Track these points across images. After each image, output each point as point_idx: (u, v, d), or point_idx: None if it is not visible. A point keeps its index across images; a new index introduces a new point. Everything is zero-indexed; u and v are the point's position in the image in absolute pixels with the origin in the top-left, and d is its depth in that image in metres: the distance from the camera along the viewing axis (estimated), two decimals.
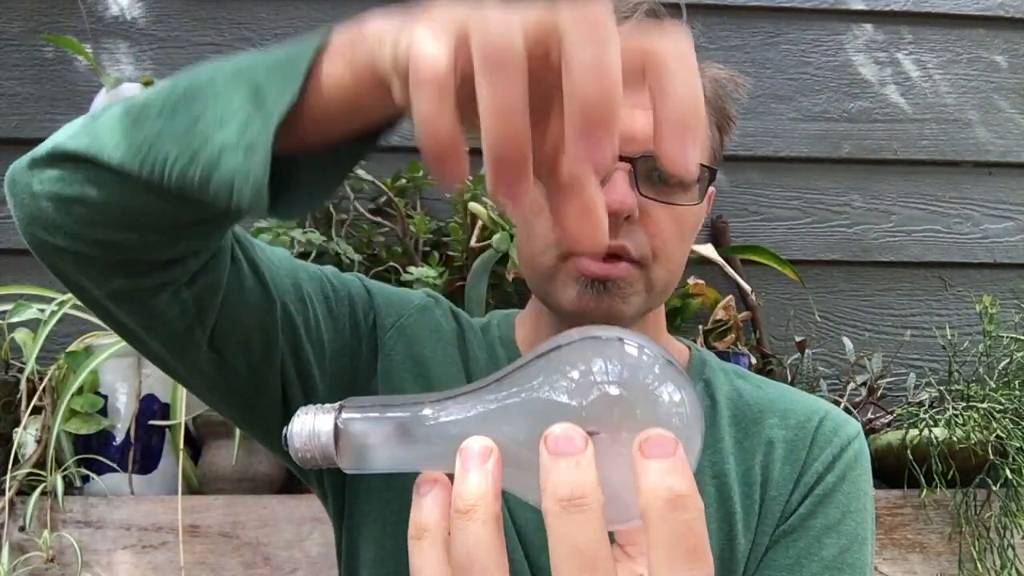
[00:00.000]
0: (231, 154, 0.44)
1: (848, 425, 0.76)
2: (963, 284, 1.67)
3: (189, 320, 0.61)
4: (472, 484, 0.32)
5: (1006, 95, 1.74)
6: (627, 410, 0.33)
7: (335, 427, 0.36)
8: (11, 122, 1.55)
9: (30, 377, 1.24)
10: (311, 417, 0.36)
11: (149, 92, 0.51)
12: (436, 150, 0.34)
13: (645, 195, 0.68)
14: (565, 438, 0.31)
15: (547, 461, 0.31)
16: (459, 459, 0.32)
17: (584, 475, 0.30)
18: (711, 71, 0.75)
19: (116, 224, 0.53)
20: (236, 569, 1.17)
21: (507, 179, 0.33)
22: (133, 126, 0.49)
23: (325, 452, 0.36)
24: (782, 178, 1.67)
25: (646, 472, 0.30)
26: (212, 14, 1.62)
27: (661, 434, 0.31)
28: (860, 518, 0.72)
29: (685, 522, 0.30)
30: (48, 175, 0.53)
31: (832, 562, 0.70)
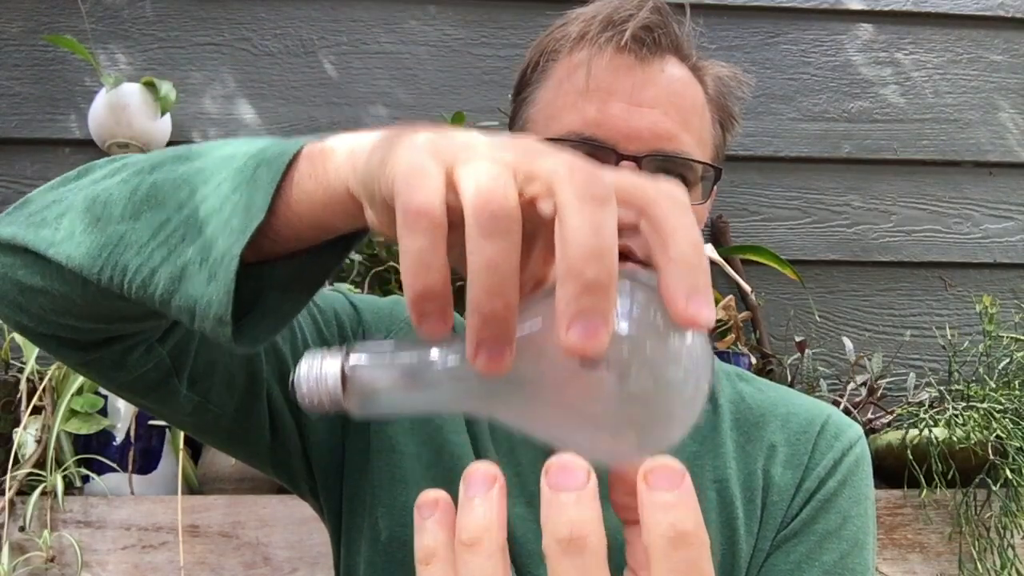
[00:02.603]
0: (191, 279, 0.42)
1: (850, 430, 0.76)
2: (963, 284, 1.67)
3: (164, 371, 0.59)
4: (477, 515, 0.31)
5: (1006, 95, 1.74)
6: (636, 347, 0.32)
7: (342, 371, 0.35)
8: (11, 122, 1.55)
9: (30, 377, 1.24)
10: (318, 361, 0.36)
11: (112, 184, 0.48)
12: (424, 292, 0.32)
13: None
14: (566, 471, 0.30)
15: (547, 495, 0.30)
16: (462, 486, 0.31)
17: (585, 513, 0.29)
18: (714, 69, 0.75)
19: (81, 315, 0.52)
20: (236, 569, 1.17)
21: (490, 339, 0.31)
22: (93, 226, 0.47)
23: (332, 396, 0.35)
24: (782, 178, 1.67)
25: (650, 506, 0.29)
26: (212, 14, 1.62)
27: (667, 464, 0.30)
28: (861, 523, 0.72)
29: (688, 560, 0.29)
30: (9, 260, 0.51)
31: (833, 567, 0.70)
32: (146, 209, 0.45)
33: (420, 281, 0.32)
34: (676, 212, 0.32)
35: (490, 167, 0.32)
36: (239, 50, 1.61)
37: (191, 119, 1.58)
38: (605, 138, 0.68)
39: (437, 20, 1.65)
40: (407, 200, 0.32)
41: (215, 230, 0.42)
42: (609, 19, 0.70)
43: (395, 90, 1.62)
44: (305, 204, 0.42)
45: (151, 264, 0.44)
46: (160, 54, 1.60)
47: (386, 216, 0.36)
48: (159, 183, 0.46)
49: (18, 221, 0.52)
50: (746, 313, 1.53)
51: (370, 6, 1.64)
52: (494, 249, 0.30)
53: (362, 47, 1.63)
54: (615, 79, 0.69)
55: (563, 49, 0.73)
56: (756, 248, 1.54)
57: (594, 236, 0.30)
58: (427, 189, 0.32)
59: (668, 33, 0.71)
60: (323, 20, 1.63)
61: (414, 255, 0.32)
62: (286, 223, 0.42)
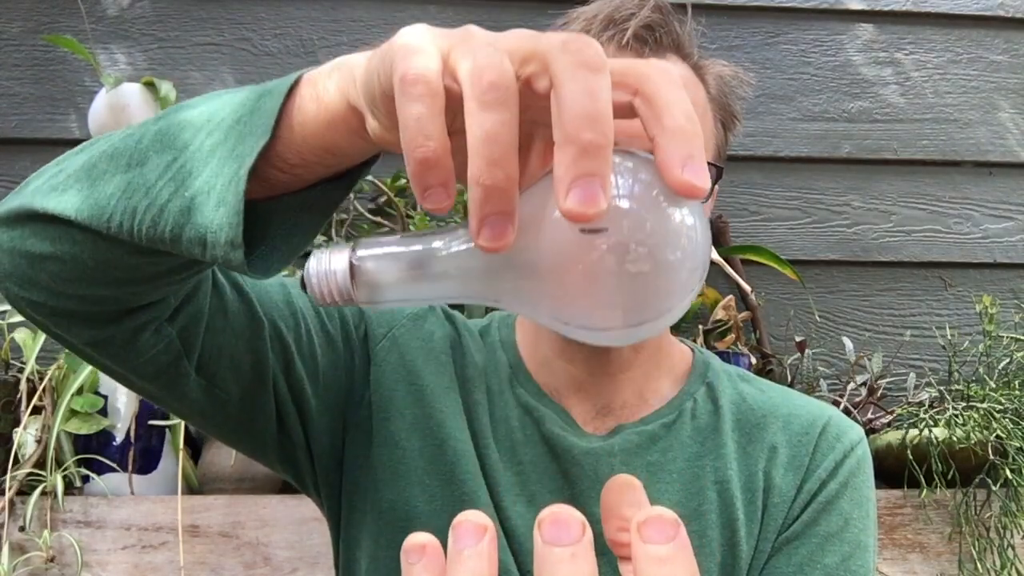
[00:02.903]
0: (201, 208, 0.43)
1: (852, 431, 0.76)
2: (963, 284, 1.67)
3: (175, 353, 0.60)
4: (468, 568, 0.30)
5: (1006, 95, 1.74)
6: (636, 221, 0.32)
7: (350, 263, 0.36)
8: (11, 122, 1.55)
9: (30, 377, 1.24)
10: (327, 255, 0.37)
11: (117, 138, 0.49)
12: (424, 161, 0.32)
13: None
14: (560, 525, 0.29)
15: (541, 550, 0.29)
16: (451, 537, 0.31)
17: (582, 568, 0.29)
18: (716, 68, 0.75)
19: (92, 279, 0.52)
20: (236, 569, 1.17)
21: (493, 213, 0.31)
22: (100, 179, 0.47)
23: (342, 287, 0.36)
24: (782, 178, 1.67)
25: (644, 559, 0.29)
26: (212, 14, 1.62)
27: (662, 516, 0.30)
28: (863, 525, 0.72)
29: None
30: (17, 233, 0.52)
31: (835, 569, 0.70)
32: (152, 154, 0.46)
33: (420, 150, 0.32)
34: (669, 86, 0.32)
35: (486, 47, 0.32)
36: (239, 50, 1.61)
37: None
38: None
39: (437, 20, 1.65)
40: (404, 69, 0.32)
41: (221, 159, 0.43)
42: (610, 18, 0.70)
43: None
44: (309, 126, 0.42)
45: (159, 202, 0.44)
46: (160, 54, 1.60)
47: (386, 116, 0.36)
48: (163, 129, 0.47)
49: (23, 194, 0.52)
50: (746, 313, 1.53)
51: (370, 6, 1.64)
52: (493, 120, 0.30)
53: (362, 47, 1.63)
54: None
55: None
56: (756, 248, 1.54)
57: (589, 100, 0.30)
58: (424, 58, 0.33)
59: (669, 32, 0.71)
60: (323, 20, 1.63)
61: (413, 123, 0.32)
62: (290, 146, 0.43)
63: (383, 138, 0.38)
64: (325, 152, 0.43)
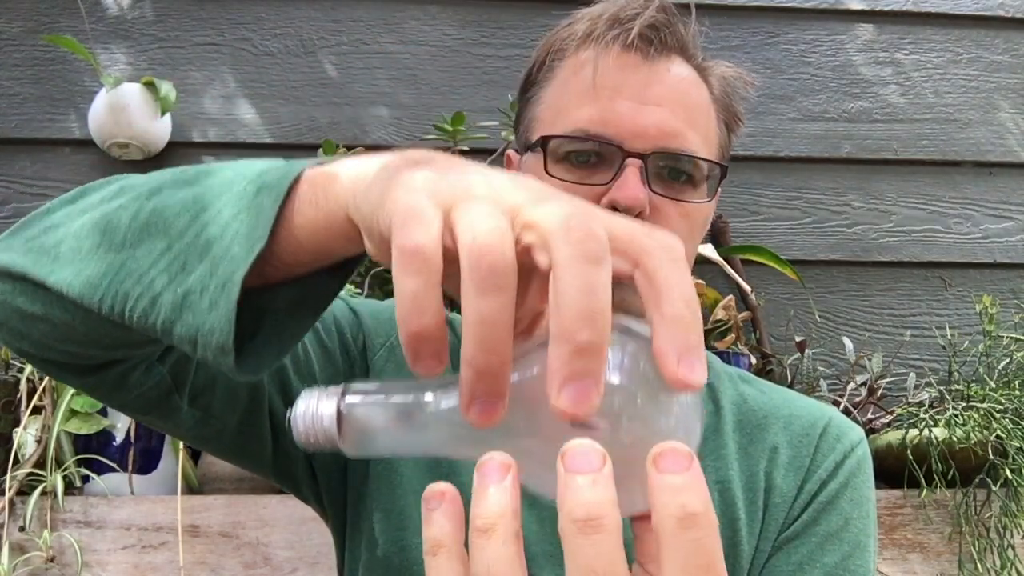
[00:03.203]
0: (192, 307, 0.42)
1: (852, 432, 0.76)
2: (963, 284, 1.67)
3: (166, 389, 0.59)
4: (491, 502, 0.31)
5: (1006, 95, 1.74)
6: (627, 399, 0.32)
7: (338, 411, 0.36)
8: (11, 122, 1.55)
9: (30, 377, 1.24)
10: (315, 401, 0.36)
11: (110, 210, 0.48)
12: (418, 334, 0.32)
13: (656, 192, 0.67)
14: (582, 455, 0.30)
15: (563, 478, 0.30)
16: (477, 474, 0.31)
17: (601, 494, 0.30)
18: (719, 69, 0.75)
19: (83, 342, 0.51)
20: (236, 569, 1.17)
21: (484, 394, 0.31)
22: (92, 253, 0.47)
23: (328, 436, 0.36)
24: (782, 178, 1.67)
25: (659, 488, 0.30)
26: (212, 14, 1.62)
27: (675, 448, 0.30)
28: (862, 525, 0.72)
29: (697, 540, 0.29)
30: (8, 287, 0.51)
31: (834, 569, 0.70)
32: (146, 236, 0.45)
33: (414, 323, 0.32)
34: (671, 266, 0.32)
35: (488, 214, 0.32)
36: (239, 50, 1.61)
37: (191, 119, 1.58)
38: (611, 136, 0.68)
39: (437, 20, 1.65)
40: (402, 241, 0.32)
41: (216, 257, 0.42)
42: (615, 17, 0.70)
43: (395, 90, 1.62)
44: (306, 229, 0.42)
45: (152, 292, 0.44)
46: (160, 54, 1.60)
47: (383, 250, 0.36)
48: (159, 209, 0.46)
49: (15, 247, 0.51)
50: (746, 313, 1.53)
51: (370, 6, 1.64)
52: (489, 305, 0.30)
53: (362, 47, 1.63)
54: (622, 77, 0.69)
55: (569, 48, 0.73)
56: (756, 248, 1.54)
57: (588, 297, 0.30)
58: (423, 231, 0.32)
59: (674, 32, 0.71)
60: (323, 20, 1.63)
61: (408, 297, 0.32)
62: (287, 248, 0.42)
63: (381, 260, 0.38)
64: (320, 254, 0.43)
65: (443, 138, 1.49)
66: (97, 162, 1.54)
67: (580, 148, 0.69)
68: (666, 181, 0.68)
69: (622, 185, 0.66)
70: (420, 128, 1.59)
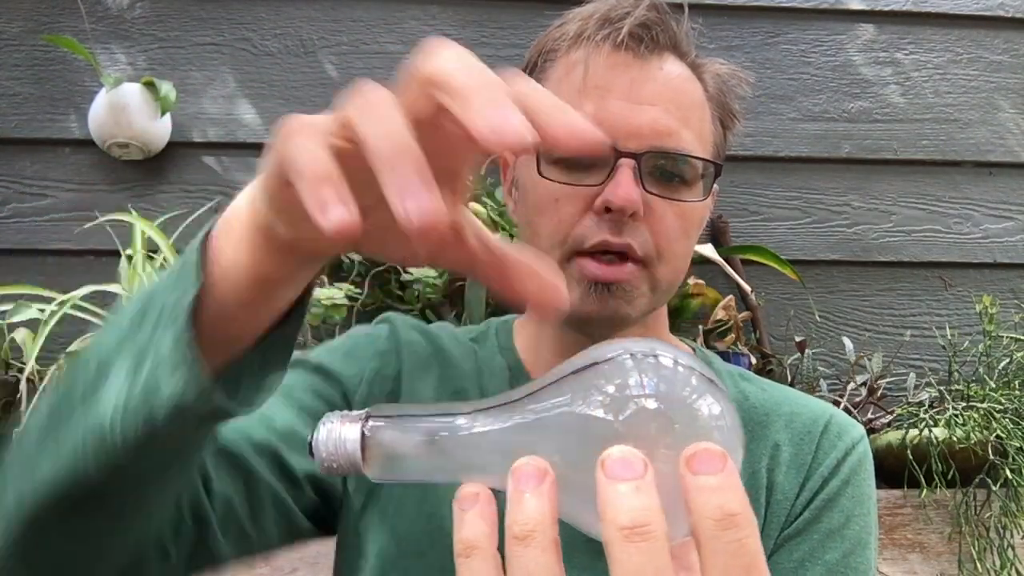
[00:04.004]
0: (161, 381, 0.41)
1: (853, 429, 0.76)
2: (963, 284, 1.67)
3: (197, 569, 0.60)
4: (529, 508, 0.30)
5: (1006, 95, 1.74)
6: (665, 424, 0.32)
7: (362, 436, 0.35)
8: (11, 122, 1.55)
9: (30, 377, 1.24)
10: (337, 425, 0.35)
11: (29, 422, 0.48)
12: (313, 180, 0.32)
13: (650, 191, 0.67)
14: (624, 462, 0.30)
15: (605, 487, 0.30)
16: (512, 480, 0.31)
17: (646, 501, 0.29)
18: (713, 67, 0.75)
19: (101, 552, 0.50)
20: (236, 569, 1.17)
21: (409, 187, 0.30)
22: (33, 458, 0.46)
23: (352, 461, 0.35)
24: (782, 178, 1.67)
25: (695, 490, 0.29)
26: (212, 14, 1.62)
27: (709, 448, 0.30)
28: (864, 522, 0.72)
29: (738, 540, 0.29)
30: None
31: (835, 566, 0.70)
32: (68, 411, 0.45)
33: (308, 169, 0.32)
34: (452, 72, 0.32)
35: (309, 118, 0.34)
36: (239, 50, 1.61)
37: (191, 119, 1.58)
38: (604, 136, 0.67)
39: (437, 20, 1.65)
40: (285, 131, 0.34)
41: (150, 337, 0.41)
42: (606, 17, 0.70)
43: None
44: (229, 258, 0.42)
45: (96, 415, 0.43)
46: (160, 54, 1.60)
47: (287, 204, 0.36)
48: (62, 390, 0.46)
49: None
50: (746, 313, 1.53)
51: (370, 6, 1.64)
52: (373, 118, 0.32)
53: (362, 47, 1.63)
54: (613, 76, 0.68)
55: (560, 48, 0.72)
56: (756, 248, 1.54)
57: (386, 141, 0.31)
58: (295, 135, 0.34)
59: (666, 30, 0.70)
60: (323, 20, 1.63)
61: (292, 153, 0.33)
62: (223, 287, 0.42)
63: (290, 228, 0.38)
64: (258, 283, 0.42)
65: None
66: (97, 162, 1.55)
67: None
68: (660, 180, 0.68)
69: (615, 186, 0.65)
70: None
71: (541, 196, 0.69)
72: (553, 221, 0.68)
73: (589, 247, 0.67)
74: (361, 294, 1.41)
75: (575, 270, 0.68)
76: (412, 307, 1.47)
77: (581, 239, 0.67)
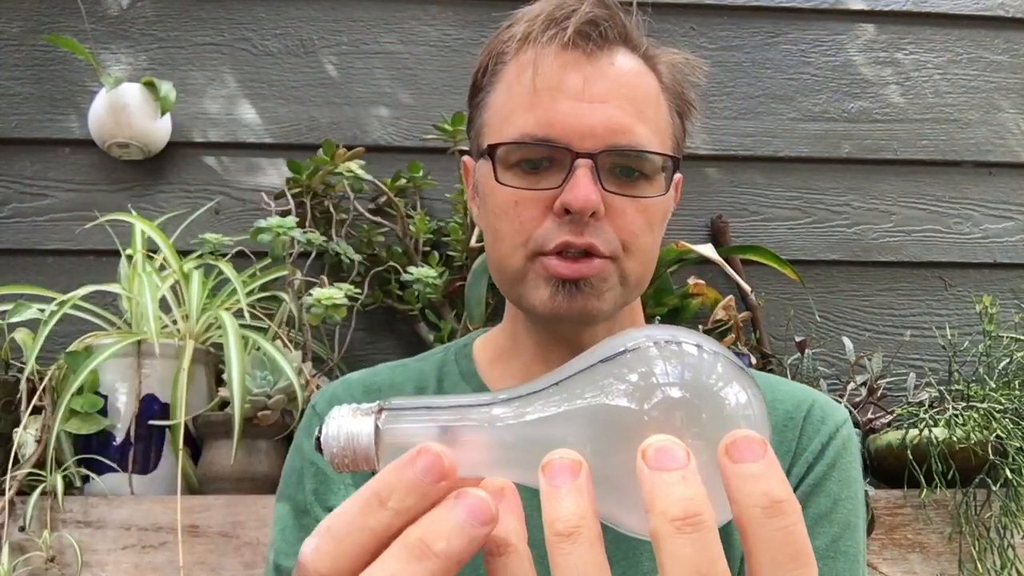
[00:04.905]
0: None
1: (837, 412, 0.76)
2: (963, 284, 1.67)
3: None
4: (569, 503, 0.29)
5: (1006, 95, 1.74)
6: (692, 414, 0.31)
7: (375, 428, 0.34)
8: (11, 122, 1.55)
9: (30, 377, 1.24)
10: (347, 419, 0.34)
11: None
12: None
13: (609, 190, 0.66)
14: (666, 451, 0.29)
15: (650, 477, 0.29)
16: (544, 475, 0.30)
17: (694, 490, 0.28)
18: (667, 56, 0.73)
19: None
20: (236, 569, 1.17)
21: None
22: None
23: (366, 455, 0.34)
24: (782, 178, 1.67)
25: (739, 478, 0.29)
26: (212, 14, 1.62)
27: (749, 435, 0.29)
28: (851, 505, 0.72)
29: (786, 528, 0.28)
30: None
31: (825, 551, 0.70)
32: None
33: None
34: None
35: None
36: (239, 50, 1.61)
37: (191, 119, 1.58)
38: (559, 138, 0.66)
39: (437, 20, 1.65)
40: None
41: None
42: (551, 17, 0.69)
43: (395, 90, 1.62)
44: None
45: None
46: (160, 54, 1.60)
47: None
48: None
49: None
50: (746, 313, 1.53)
51: (370, 6, 1.64)
52: None
53: (362, 47, 1.63)
54: (563, 77, 0.67)
55: (510, 51, 0.71)
56: (756, 248, 1.54)
57: None
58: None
59: (614, 24, 0.69)
60: (323, 20, 1.63)
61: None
62: None
63: None
64: None
65: (443, 138, 1.49)
66: (97, 162, 1.55)
67: (529, 154, 0.68)
68: (619, 178, 0.67)
69: (573, 187, 0.65)
70: (420, 128, 1.59)
71: (500, 201, 0.69)
72: (514, 225, 0.68)
73: (551, 249, 0.66)
74: (361, 294, 1.41)
75: (540, 269, 0.67)
76: (412, 307, 1.47)
77: (543, 241, 0.67)
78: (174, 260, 1.32)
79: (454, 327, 1.44)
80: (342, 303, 1.29)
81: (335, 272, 1.47)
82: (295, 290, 1.37)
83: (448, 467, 0.31)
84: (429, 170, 1.53)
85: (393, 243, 1.51)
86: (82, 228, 1.48)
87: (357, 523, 0.30)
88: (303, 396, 1.22)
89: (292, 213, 1.41)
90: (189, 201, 1.55)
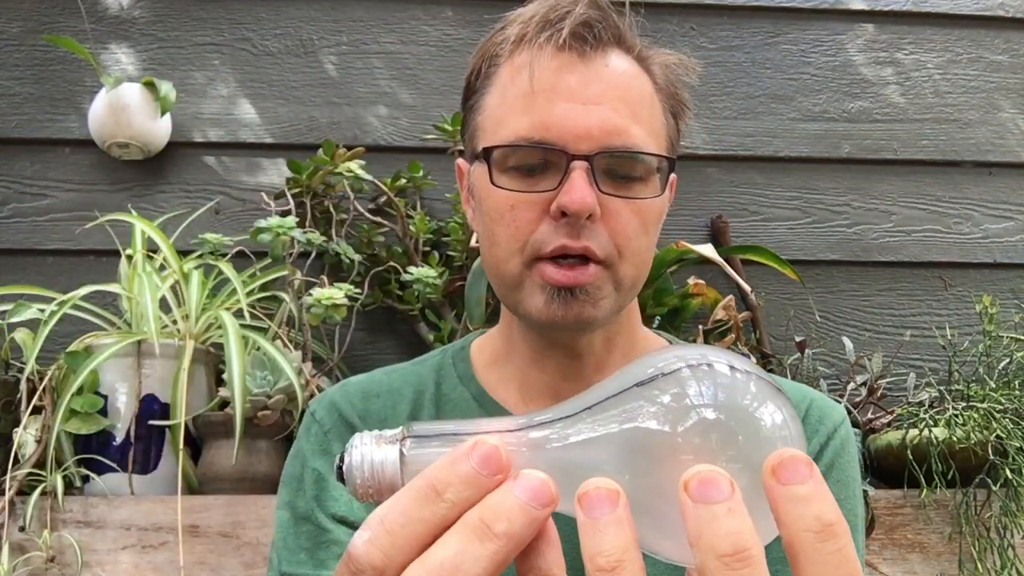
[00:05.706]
0: None
1: (834, 412, 0.76)
2: (963, 284, 1.67)
3: None
4: (611, 535, 0.28)
5: (1006, 95, 1.74)
6: (728, 436, 0.30)
7: (400, 456, 0.33)
8: (11, 122, 1.55)
9: (30, 377, 1.24)
10: (371, 448, 0.33)
11: None
12: None
13: (605, 192, 0.66)
14: (711, 482, 0.28)
15: (694, 511, 0.28)
16: (581, 506, 0.29)
17: (741, 522, 0.27)
18: (660, 57, 0.73)
19: None
20: (236, 569, 1.17)
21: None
22: None
23: (391, 484, 0.33)
24: (782, 178, 1.67)
25: (787, 501, 0.28)
26: (212, 14, 1.62)
27: (795, 455, 0.28)
28: (850, 506, 0.72)
29: (839, 551, 0.27)
30: None
31: None
32: None
33: None
34: None
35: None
36: (239, 50, 1.61)
37: (191, 119, 1.58)
38: (554, 140, 0.66)
39: (437, 20, 1.65)
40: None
41: None
42: (546, 19, 0.68)
43: (395, 90, 1.62)
44: None
45: None
46: (160, 54, 1.60)
47: None
48: None
49: None
50: (746, 313, 1.53)
51: (370, 6, 1.64)
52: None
53: (362, 47, 1.63)
54: (558, 79, 0.67)
55: (504, 53, 0.71)
56: (756, 248, 1.54)
57: None
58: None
59: (608, 26, 0.69)
60: (323, 20, 1.63)
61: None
62: None
63: None
64: None
65: (443, 138, 1.49)
66: (97, 162, 1.55)
67: (524, 157, 0.68)
68: (615, 180, 0.67)
69: (569, 189, 0.64)
70: (420, 128, 1.59)
71: (496, 204, 0.68)
72: (510, 229, 0.68)
73: (548, 252, 0.66)
74: (361, 294, 1.41)
75: (536, 276, 0.67)
76: (412, 307, 1.47)
77: (539, 245, 0.66)
78: (174, 260, 1.32)
79: (454, 327, 1.44)
80: (342, 303, 1.29)
81: (335, 272, 1.47)
82: (295, 290, 1.37)
83: (505, 461, 0.31)
84: (429, 170, 1.53)
85: (393, 243, 1.51)
86: (82, 228, 1.48)
87: (412, 514, 0.30)
88: (303, 396, 1.22)
89: (292, 213, 1.41)
90: (189, 201, 1.55)
